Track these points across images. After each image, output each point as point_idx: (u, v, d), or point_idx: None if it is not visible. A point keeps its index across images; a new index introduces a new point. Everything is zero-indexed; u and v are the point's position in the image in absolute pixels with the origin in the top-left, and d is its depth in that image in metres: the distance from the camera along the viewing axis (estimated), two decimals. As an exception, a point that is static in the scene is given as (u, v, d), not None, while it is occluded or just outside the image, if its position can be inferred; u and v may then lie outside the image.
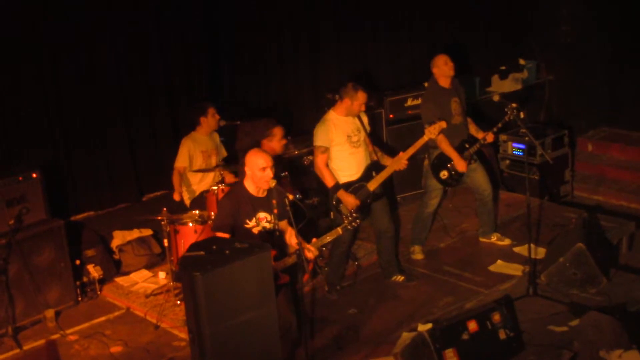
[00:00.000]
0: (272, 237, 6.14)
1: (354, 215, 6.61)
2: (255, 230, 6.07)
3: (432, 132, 7.29)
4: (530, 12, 11.59)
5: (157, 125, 8.85)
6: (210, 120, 8.08)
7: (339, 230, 6.55)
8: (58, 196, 8.00)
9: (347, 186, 7.25)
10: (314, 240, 6.40)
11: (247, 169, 6.11)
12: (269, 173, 6.06)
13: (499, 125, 7.66)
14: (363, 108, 7.27)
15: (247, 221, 6.04)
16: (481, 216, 8.31)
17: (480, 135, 7.90)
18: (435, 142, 7.62)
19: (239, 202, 6.03)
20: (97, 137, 8.44)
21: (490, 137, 7.83)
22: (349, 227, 6.57)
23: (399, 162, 7.22)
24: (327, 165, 7.25)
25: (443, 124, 7.33)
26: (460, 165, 7.72)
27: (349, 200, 7.19)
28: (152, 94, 8.75)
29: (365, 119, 7.42)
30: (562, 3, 11.28)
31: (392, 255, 7.71)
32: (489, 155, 9.46)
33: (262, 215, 6.08)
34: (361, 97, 7.17)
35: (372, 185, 7.28)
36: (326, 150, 7.22)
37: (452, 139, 7.71)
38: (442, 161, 7.80)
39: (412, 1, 10.51)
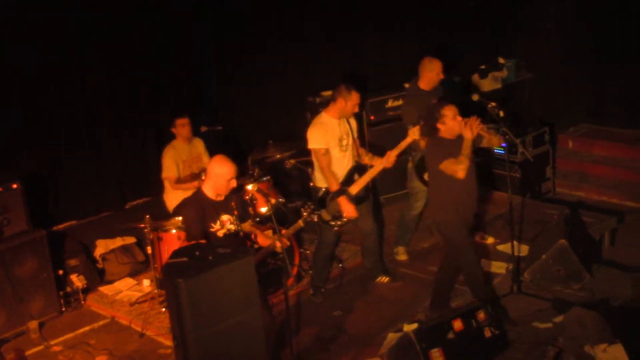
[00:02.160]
0: (237, 238, 6.14)
1: (312, 207, 6.65)
2: (220, 233, 6.06)
3: (415, 132, 7.28)
4: (510, 11, 11.63)
5: (139, 134, 8.84)
6: (180, 131, 8.03)
7: (300, 222, 6.61)
8: (40, 206, 7.97)
9: (329, 191, 7.24)
10: (283, 231, 6.48)
11: (210, 176, 6.08)
12: (233, 183, 6.05)
13: (503, 127, 7.54)
14: (356, 109, 7.23)
15: (212, 225, 6.04)
16: None
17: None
18: (417, 144, 7.62)
19: (202, 207, 6.02)
20: (79, 146, 8.41)
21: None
22: (308, 219, 6.60)
23: (387, 159, 7.18)
24: (330, 167, 7.15)
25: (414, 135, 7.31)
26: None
27: (351, 210, 7.15)
28: (134, 102, 8.73)
29: (353, 122, 7.38)
30: (543, 1, 11.33)
31: (377, 256, 7.72)
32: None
33: (225, 217, 6.08)
34: (355, 97, 7.14)
35: (354, 189, 7.26)
36: (327, 152, 7.15)
37: None
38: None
39: (390, 3, 10.52)
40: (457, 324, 6.26)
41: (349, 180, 7.29)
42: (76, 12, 8.14)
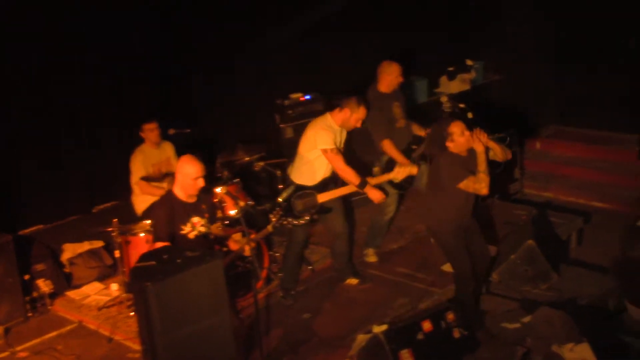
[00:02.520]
0: (208, 240, 6.13)
1: (281, 212, 6.73)
2: (192, 235, 6.04)
3: (402, 173, 7.30)
4: (476, 13, 11.71)
5: (105, 136, 8.75)
6: (148, 135, 7.96)
7: (269, 228, 6.64)
8: (5, 210, 7.88)
9: (299, 189, 7.23)
10: (252, 236, 6.49)
11: (177, 176, 6.07)
12: (200, 182, 6.03)
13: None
14: (359, 124, 7.23)
15: (182, 227, 6.02)
16: None
17: (423, 132, 7.91)
18: (382, 147, 7.63)
19: (172, 209, 6.00)
20: (44, 149, 8.31)
21: None
22: (276, 225, 6.64)
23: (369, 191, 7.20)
24: (346, 163, 7.16)
25: (414, 170, 7.33)
26: (412, 171, 7.72)
27: (378, 196, 7.18)
28: (100, 105, 8.65)
29: (344, 137, 7.36)
30: (508, 3, 11.42)
31: (346, 258, 7.72)
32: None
33: (196, 219, 6.07)
34: (362, 112, 7.13)
35: (322, 198, 7.24)
36: (339, 151, 7.17)
37: (398, 143, 7.71)
38: (393, 166, 7.81)
39: (356, 3, 10.53)
40: (427, 325, 6.29)
41: (322, 186, 7.28)
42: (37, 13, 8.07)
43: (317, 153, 7.18)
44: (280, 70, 9.98)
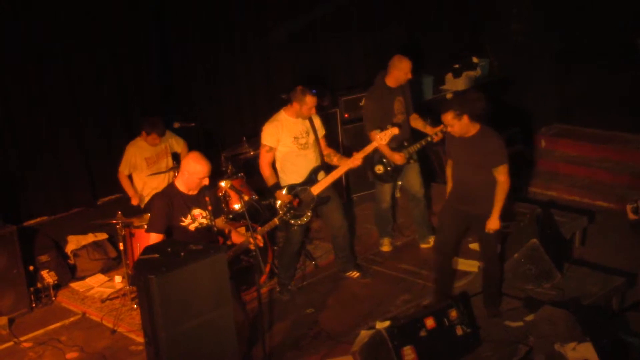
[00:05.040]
0: (210, 233, 6.14)
1: (289, 205, 6.82)
2: (192, 227, 6.04)
3: (383, 138, 7.29)
4: (482, 10, 11.69)
5: (110, 129, 8.76)
6: (149, 140, 7.93)
7: (276, 220, 6.69)
8: (10, 201, 7.89)
9: (291, 188, 7.23)
10: (258, 229, 6.53)
11: (184, 172, 6.06)
12: (206, 181, 6.04)
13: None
14: (313, 112, 7.22)
15: (182, 219, 6.02)
16: (416, 220, 8.35)
17: (428, 130, 7.90)
18: (370, 137, 7.60)
19: (171, 201, 5.99)
20: (49, 141, 8.31)
21: (440, 135, 7.70)
22: (284, 217, 6.76)
23: (353, 161, 7.21)
24: (270, 164, 7.23)
25: (395, 131, 7.32)
26: (395, 157, 7.73)
27: (285, 197, 7.16)
28: (105, 98, 8.65)
29: (317, 121, 7.38)
30: (513, 2, 11.39)
31: (348, 251, 7.75)
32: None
33: (196, 212, 6.07)
34: (309, 101, 7.12)
35: (316, 190, 7.26)
36: (271, 149, 7.20)
37: (393, 137, 7.66)
38: (379, 156, 7.82)
39: (364, 0, 10.53)
40: (429, 322, 6.29)
41: (310, 179, 7.28)
42: (32, 11, 8.06)
43: (283, 149, 7.22)
44: (286, 65, 9.97)
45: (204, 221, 6.10)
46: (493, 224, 6.67)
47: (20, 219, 8.04)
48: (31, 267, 7.52)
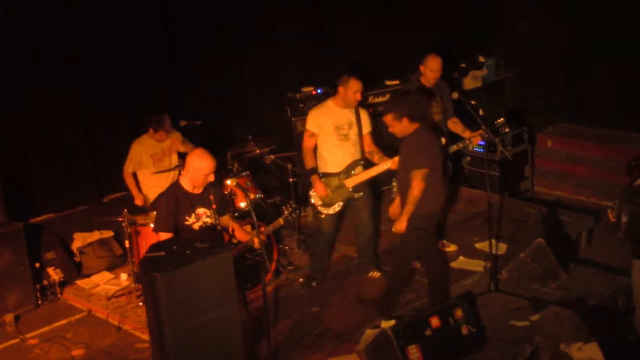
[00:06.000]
0: (215, 232, 6.14)
1: (294, 206, 6.79)
2: (196, 226, 6.06)
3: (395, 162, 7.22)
4: (489, 9, 11.67)
5: (116, 127, 8.78)
6: (155, 136, 7.93)
7: (280, 220, 6.70)
8: (17, 198, 7.91)
9: (324, 176, 7.27)
10: (262, 228, 6.55)
11: (189, 169, 6.07)
12: (211, 177, 6.06)
13: (482, 126, 7.43)
14: (359, 97, 7.20)
15: (187, 218, 6.03)
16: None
17: (467, 134, 7.81)
18: None
19: (176, 199, 6.01)
20: (56, 139, 8.35)
21: (477, 139, 7.71)
22: (289, 217, 6.73)
23: (394, 162, 7.10)
24: (311, 150, 7.27)
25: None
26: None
27: (319, 188, 7.21)
28: (110, 95, 8.68)
29: (364, 116, 7.36)
30: (520, 0, 11.37)
31: (370, 251, 7.72)
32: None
33: (201, 210, 6.08)
34: (353, 84, 7.13)
35: (350, 183, 7.27)
36: (313, 135, 7.24)
37: None
38: None
39: (369, 1, 10.52)
40: (435, 321, 6.28)
41: (347, 171, 7.30)
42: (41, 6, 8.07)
43: (323, 137, 7.24)
44: (293, 64, 9.98)
45: (208, 220, 6.11)
46: (398, 225, 6.67)
47: (26, 216, 8.07)
48: (37, 264, 7.53)
